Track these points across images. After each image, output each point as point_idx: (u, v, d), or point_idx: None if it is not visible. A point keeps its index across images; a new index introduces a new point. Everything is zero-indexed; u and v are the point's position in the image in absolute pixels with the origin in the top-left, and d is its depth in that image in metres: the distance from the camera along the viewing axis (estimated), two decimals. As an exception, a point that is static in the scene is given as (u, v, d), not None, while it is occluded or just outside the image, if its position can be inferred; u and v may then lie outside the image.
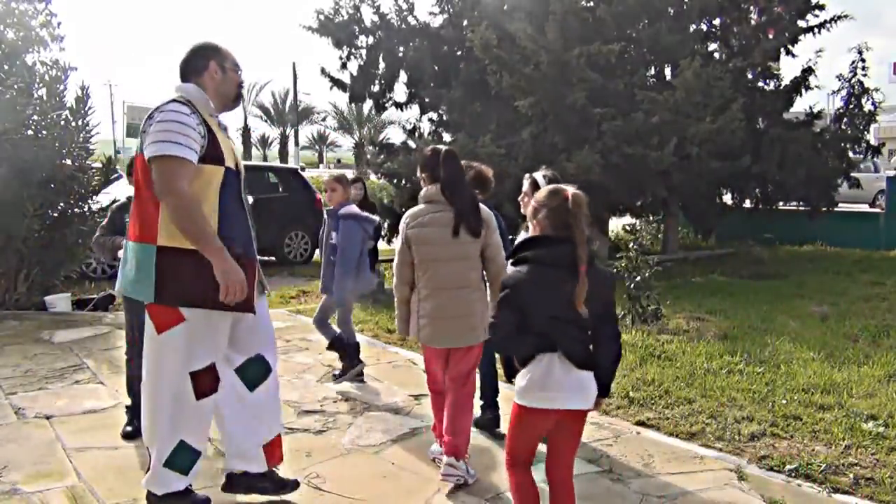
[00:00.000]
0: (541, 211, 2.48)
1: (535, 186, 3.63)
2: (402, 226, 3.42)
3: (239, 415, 3.06)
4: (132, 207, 2.89)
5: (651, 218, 11.83)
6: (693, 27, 10.46)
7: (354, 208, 4.81)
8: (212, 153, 2.77)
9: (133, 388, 3.95)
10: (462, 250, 3.29)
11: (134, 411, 3.94)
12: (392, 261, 3.59)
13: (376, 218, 4.97)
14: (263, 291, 3.09)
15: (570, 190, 2.48)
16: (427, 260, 3.32)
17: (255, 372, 3.06)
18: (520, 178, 8.56)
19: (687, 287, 8.19)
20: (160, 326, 2.79)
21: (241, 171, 2.95)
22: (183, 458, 2.89)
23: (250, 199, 3.10)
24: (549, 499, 2.65)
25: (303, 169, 19.35)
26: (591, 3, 9.79)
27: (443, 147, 3.44)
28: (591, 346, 2.49)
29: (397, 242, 3.48)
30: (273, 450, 3.13)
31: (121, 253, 3.63)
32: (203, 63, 2.90)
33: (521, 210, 3.61)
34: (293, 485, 3.19)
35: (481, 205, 3.38)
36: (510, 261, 2.56)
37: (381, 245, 9.00)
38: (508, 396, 3.26)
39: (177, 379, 2.81)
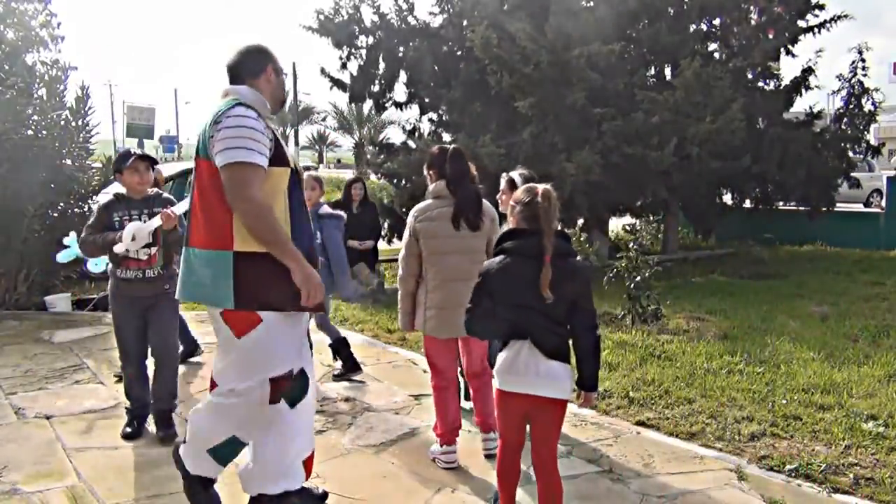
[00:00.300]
0: (516, 207, 2.69)
1: (511, 185, 3.77)
2: (410, 220, 3.55)
3: (275, 434, 2.90)
4: (195, 214, 2.77)
5: (651, 218, 11.83)
6: (693, 27, 10.45)
7: (328, 208, 4.89)
8: (279, 155, 2.74)
9: (132, 391, 3.99)
10: (466, 244, 3.46)
11: (132, 413, 3.99)
12: (393, 260, 3.67)
13: (344, 215, 5.03)
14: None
15: (541, 187, 2.68)
16: (435, 253, 3.46)
17: (298, 387, 2.89)
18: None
19: (687, 287, 8.19)
20: (240, 331, 2.72)
21: (300, 171, 2.91)
22: (226, 450, 2.89)
23: None
24: (537, 484, 2.79)
25: (316, 168, 19.30)
26: (591, 3, 9.79)
27: (450, 145, 3.59)
28: (566, 338, 2.65)
29: (405, 236, 3.58)
30: (308, 464, 3.02)
31: (118, 248, 3.66)
32: (260, 66, 2.86)
33: (500, 208, 3.79)
34: (324, 496, 3.14)
35: (485, 201, 3.54)
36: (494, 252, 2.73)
37: (381, 245, 9.01)
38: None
39: (253, 385, 2.75)
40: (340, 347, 5.06)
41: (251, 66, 2.85)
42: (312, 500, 3.07)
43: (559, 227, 2.71)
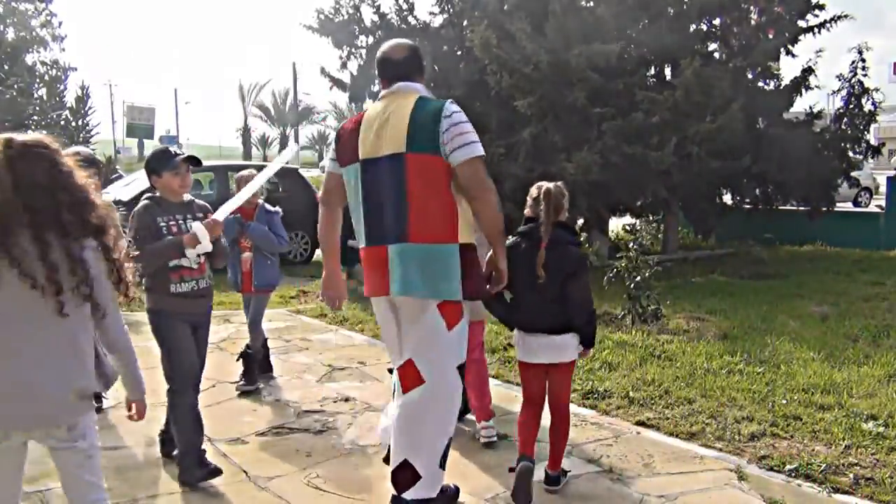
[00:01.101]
0: (528, 201, 3.25)
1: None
2: None
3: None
4: (414, 210, 2.76)
5: (651, 218, 11.83)
6: (693, 27, 10.44)
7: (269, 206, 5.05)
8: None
9: (185, 434, 3.36)
10: None
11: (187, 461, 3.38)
12: None
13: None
14: None
15: (546, 185, 3.20)
16: None
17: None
18: (520, 178, 8.55)
19: (687, 287, 8.19)
20: (451, 323, 2.80)
21: None
22: (446, 452, 2.87)
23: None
24: (551, 419, 3.26)
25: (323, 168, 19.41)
26: (591, 3, 9.79)
27: None
28: (562, 315, 3.09)
29: None
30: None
31: (199, 248, 3.19)
32: (423, 64, 3.07)
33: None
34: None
35: None
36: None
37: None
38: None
39: (455, 374, 2.84)
40: (255, 354, 4.83)
41: (419, 64, 3.05)
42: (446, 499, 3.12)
43: (564, 220, 3.20)
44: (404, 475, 2.81)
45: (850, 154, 11.35)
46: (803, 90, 10.87)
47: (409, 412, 2.82)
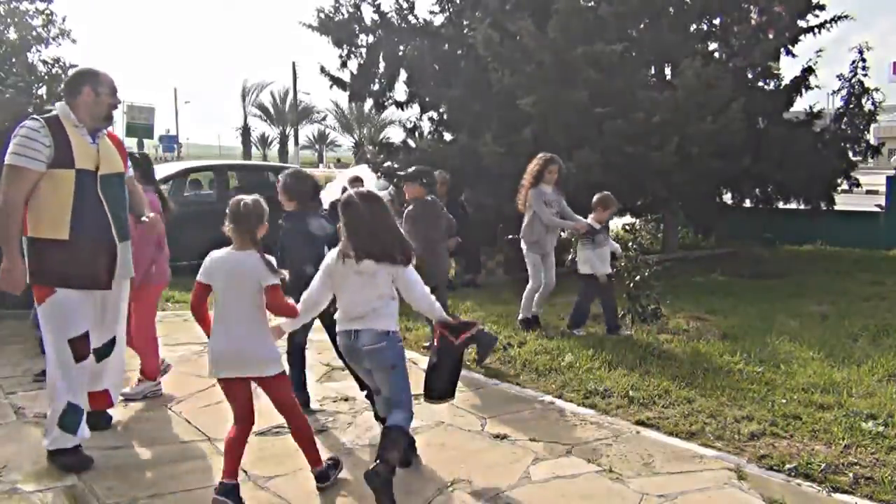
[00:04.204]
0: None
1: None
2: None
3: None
4: None
5: (651, 217, 11.82)
6: (693, 27, 10.44)
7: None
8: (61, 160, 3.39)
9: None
10: None
11: None
12: None
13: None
14: (126, 276, 3.68)
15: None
16: None
17: (105, 350, 3.71)
18: (520, 178, 8.56)
19: (687, 287, 8.18)
20: (39, 300, 3.46)
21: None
22: (71, 418, 3.45)
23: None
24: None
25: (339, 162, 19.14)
26: (593, 3, 9.78)
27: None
28: None
29: None
30: (100, 398, 3.79)
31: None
32: (74, 87, 3.52)
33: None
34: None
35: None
36: None
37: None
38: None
39: (59, 344, 3.44)
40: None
41: (69, 88, 3.53)
42: None
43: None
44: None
45: (851, 154, 11.35)
46: (803, 90, 10.86)
47: None
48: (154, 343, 4.66)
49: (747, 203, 11.25)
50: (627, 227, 10.47)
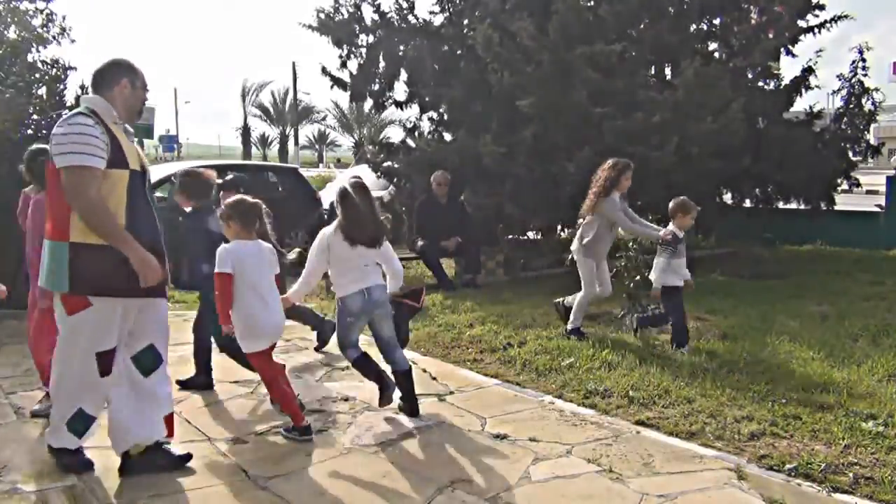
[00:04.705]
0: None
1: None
2: None
3: (128, 399, 3.45)
4: (48, 211, 3.26)
5: (651, 217, 11.80)
6: (693, 27, 10.43)
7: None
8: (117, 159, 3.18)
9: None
10: None
11: None
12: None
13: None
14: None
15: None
16: None
17: (148, 361, 3.48)
18: (520, 178, 8.50)
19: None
20: (70, 311, 3.22)
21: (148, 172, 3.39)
22: (81, 424, 3.38)
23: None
24: None
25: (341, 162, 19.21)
26: (593, 3, 9.78)
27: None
28: None
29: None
30: (168, 424, 3.56)
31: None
32: (113, 77, 3.31)
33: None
34: (187, 457, 3.56)
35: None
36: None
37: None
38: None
39: (84, 356, 3.26)
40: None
41: (106, 78, 3.29)
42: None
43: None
44: None
45: (851, 154, 11.35)
46: (803, 90, 10.86)
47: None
48: None
49: (747, 203, 11.23)
50: (627, 227, 10.48)
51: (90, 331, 3.23)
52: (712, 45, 10.71)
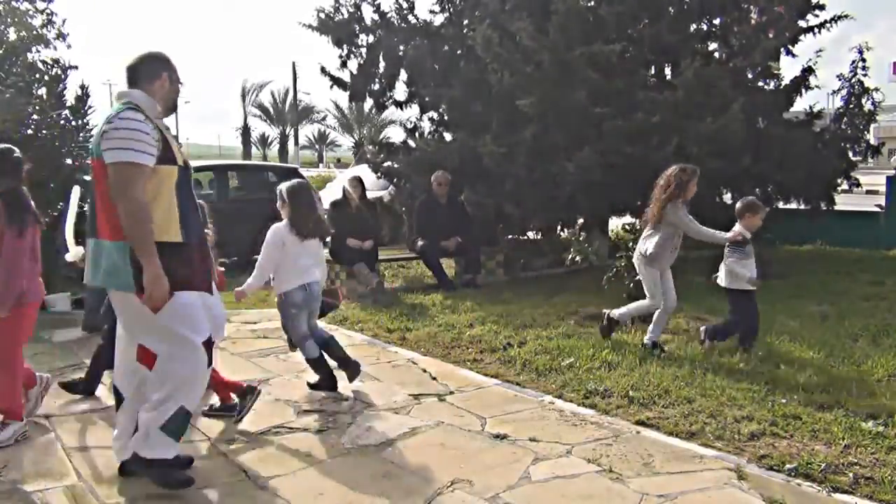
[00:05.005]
0: None
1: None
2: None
3: (143, 398, 3.30)
4: (97, 209, 3.14)
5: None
6: (693, 27, 10.43)
7: None
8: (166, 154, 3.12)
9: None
10: None
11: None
12: (393, 260, 3.86)
13: None
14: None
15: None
16: None
17: None
18: (520, 178, 8.50)
19: (687, 287, 8.17)
20: (156, 307, 3.10)
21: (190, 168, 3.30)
22: (181, 424, 3.25)
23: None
24: None
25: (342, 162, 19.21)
26: (593, 3, 9.78)
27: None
28: None
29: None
30: None
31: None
32: (154, 70, 3.20)
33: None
34: (188, 461, 3.46)
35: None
36: None
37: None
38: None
39: (180, 348, 3.16)
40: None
41: (149, 71, 3.19)
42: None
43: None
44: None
45: (851, 154, 11.35)
46: (803, 90, 10.86)
47: (149, 381, 3.22)
48: (17, 376, 3.87)
49: (747, 203, 11.22)
50: (627, 227, 10.46)
51: (190, 317, 3.14)
52: (712, 45, 10.71)
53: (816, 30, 10.55)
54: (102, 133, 3.01)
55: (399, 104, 11.36)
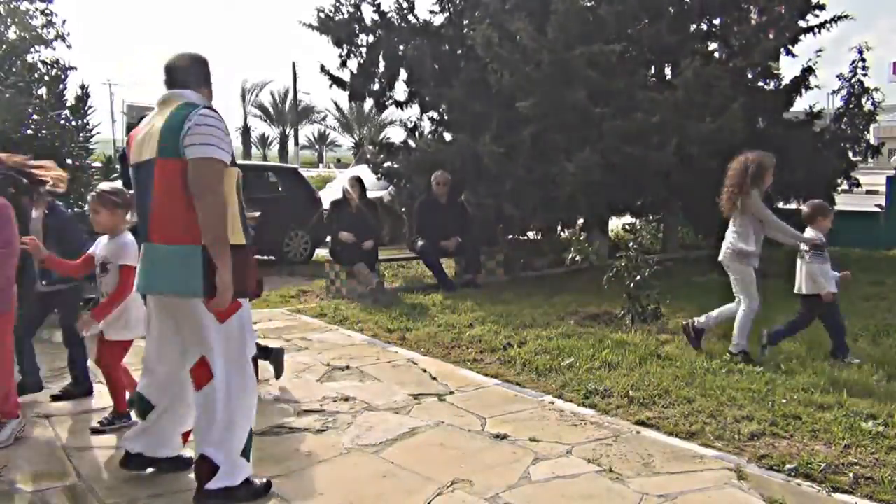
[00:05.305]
0: None
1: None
2: None
3: (175, 409, 3.34)
4: (156, 212, 3.04)
5: (651, 217, 11.81)
6: (693, 27, 10.44)
7: None
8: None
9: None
10: None
11: None
12: (393, 260, 3.79)
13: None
14: None
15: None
16: None
17: None
18: (520, 178, 8.50)
19: (687, 287, 8.18)
20: (221, 317, 3.04)
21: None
22: (250, 443, 3.19)
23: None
24: None
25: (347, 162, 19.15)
26: (592, 3, 9.78)
27: None
28: None
29: None
30: (186, 436, 3.46)
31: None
32: (206, 75, 3.22)
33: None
34: (188, 461, 3.39)
35: None
36: None
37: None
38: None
39: (243, 366, 3.12)
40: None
41: (201, 74, 3.19)
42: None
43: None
44: (203, 468, 3.07)
45: (851, 154, 11.35)
46: (803, 90, 10.86)
47: (206, 407, 3.07)
48: (10, 373, 3.94)
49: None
50: (627, 227, 10.48)
51: (244, 333, 3.09)
52: (712, 45, 10.71)
53: (816, 30, 10.55)
54: (185, 131, 2.91)
55: (399, 104, 11.36)
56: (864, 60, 11.23)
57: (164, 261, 3.00)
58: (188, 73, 3.13)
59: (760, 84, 10.74)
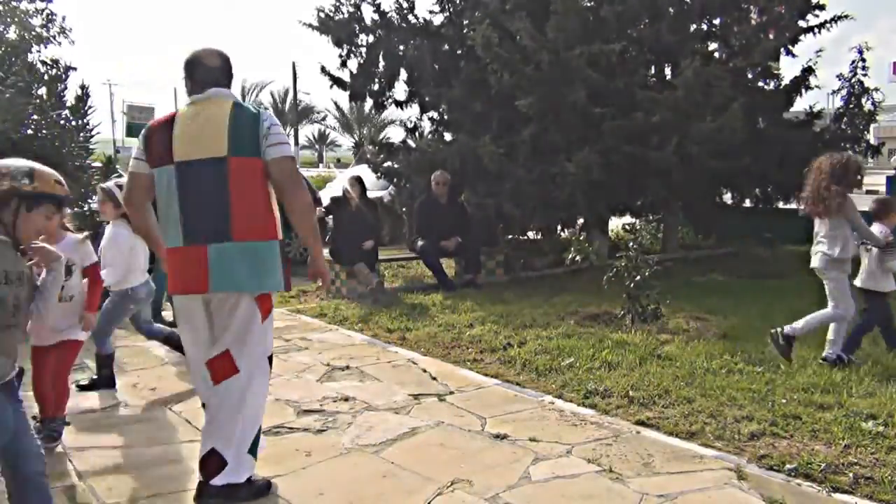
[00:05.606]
0: None
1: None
2: None
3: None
4: (236, 210, 3.02)
5: (651, 217, 11.82)
6: (693, 27, 10.44)
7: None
8: None
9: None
10: None
11: None
12: (393, 260, 3.79)
13: None
14: None
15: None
16: None
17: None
18: (520, 178, 8.48)
19: (687, 287, 8.18)
20: (264, 315, 3.12)
21: None
22: (258, 440, 3.23)
23: None
24: None
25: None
26: (592, 3, 9.78)
27: None
28: None
29: None
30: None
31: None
32: (233, 74, 3.26)
33: None
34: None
35: None
36: None
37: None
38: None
39: (266, 364, 3.19)
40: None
41: (231, 73, 3.22)
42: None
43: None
44: (212, 463, 3.07)
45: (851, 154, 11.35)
46: (803, 90, 10.87)
47: (224, 402, 3.06)
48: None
49: (747, 203, 11.24)
50: (627, 227, 10.48)
51: (270, 335, 3.22)
52: (712, 45, 10.72)
53: (816, 30, 10.56)
54: (265, 131, 2.99)
55: (399, 104, 11.36)
56: (864, 60, 11.23)
57: (246, 258, 2.99)
58: (221, 71, 3.16)
59: (760, 84, 10.75)
